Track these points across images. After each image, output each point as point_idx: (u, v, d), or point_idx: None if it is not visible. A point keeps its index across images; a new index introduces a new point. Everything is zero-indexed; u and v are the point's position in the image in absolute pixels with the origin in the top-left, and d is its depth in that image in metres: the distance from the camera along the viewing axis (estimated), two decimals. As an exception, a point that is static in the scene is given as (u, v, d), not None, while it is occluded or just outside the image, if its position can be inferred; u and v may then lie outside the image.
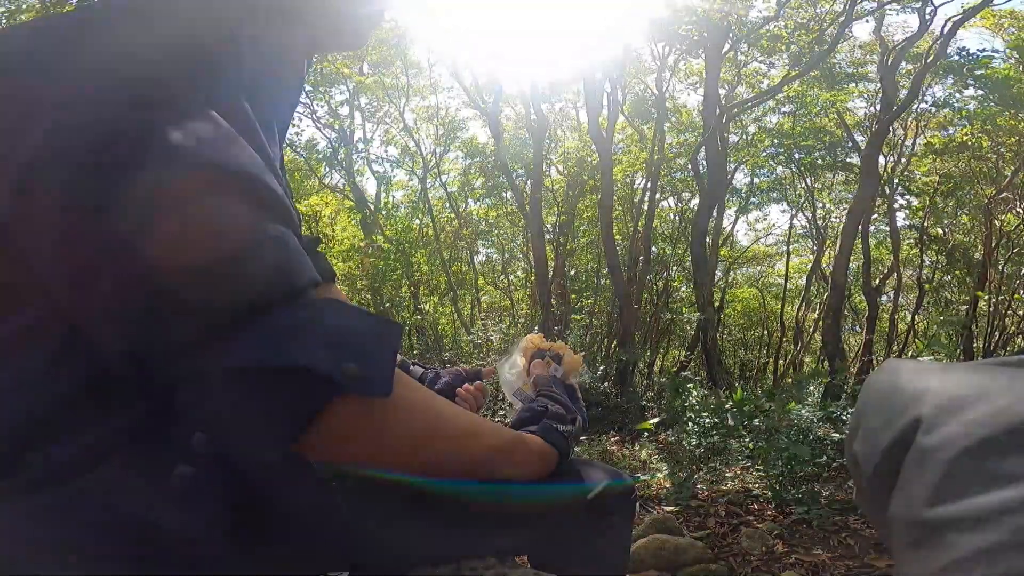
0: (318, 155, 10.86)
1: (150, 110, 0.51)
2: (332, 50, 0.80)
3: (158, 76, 0.52)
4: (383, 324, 0.59)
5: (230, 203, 0.52)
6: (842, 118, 9.74)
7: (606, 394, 6.94)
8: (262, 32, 0.63)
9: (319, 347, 0.52)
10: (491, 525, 0.82)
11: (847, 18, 7.28)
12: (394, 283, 9.13)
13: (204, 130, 0.52)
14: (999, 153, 9.06)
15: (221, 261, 0.51)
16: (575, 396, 1.05)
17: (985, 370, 0.39)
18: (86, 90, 0.51)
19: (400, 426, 0.61)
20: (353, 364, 0.53)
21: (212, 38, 0.58)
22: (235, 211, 0.52)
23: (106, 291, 0.51)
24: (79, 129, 0.50)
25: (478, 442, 0.69)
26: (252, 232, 0.53)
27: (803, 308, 12.58)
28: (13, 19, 6.77)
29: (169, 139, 0.50)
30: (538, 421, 0.86)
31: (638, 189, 10.65)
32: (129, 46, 0.54)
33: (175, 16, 0.59)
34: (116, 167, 0.50)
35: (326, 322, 0.54)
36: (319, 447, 0.58)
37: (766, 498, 3.49)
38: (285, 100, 0.67)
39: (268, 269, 0.53)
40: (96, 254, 0.50)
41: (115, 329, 0.53)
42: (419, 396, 0.65)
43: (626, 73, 9.60)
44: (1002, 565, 0.28)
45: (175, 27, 0.58)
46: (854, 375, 6.36)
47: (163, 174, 0.50)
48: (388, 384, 0.56)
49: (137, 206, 0.50)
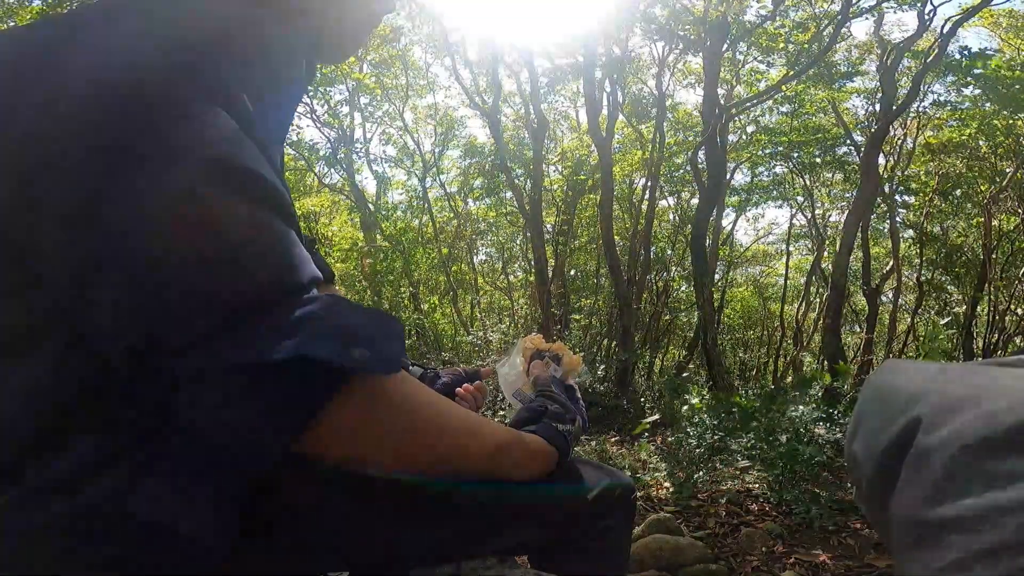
0: (318, 155, 10.86)
1: (153, 106, 0.51)
2: (331, 54, 0.79)
3: (161, 73, 0.52)
4: (387, 319, 0.60)
5: (233, 200, 0.52)
6: (840, 117, 9.74)
7: (606, 394, 6.94)
8: (263, 30, 0.63)
9: (326, 338, 0.53)
10: (491, 525, 0.82)
11: (844, 17, 7.28)
12: (393, 283, 9.13)
13: (207, 127, 0.52)
14: (998, 153, 9.07)
15: (224, 257, 0.51)
16: (574, 396, 1.05)
17: (985, 370, 0.39)
18: (89, 88, 0.51)
19: (402, 423, 0.61)
20: (361, 349, 0.54)
21: (214, 35, 0.58)
22: (238, 208, 0.52)
23: (108, 289, 0.51)
24: (82, 127, 0.50)
25: (478, 441, 0.69)
26: (255, 229, 0.53)
27: (803, 308, 12.59)
28: (12, 17, 6.76)
29: (172, 135, 0.51)
30: (538, 421, 0.86)
31: (638, 189, 10.65)
32: (132, 43, 0.54)
33: (177, 13, 0.59)
34: (119, 164, 0.50)
35: (330, 316, 0.54)
36: (322, 444, 0.58)
37: (766, 498, 3.49)
38: (286, 99, 0.67)
39: (271, 265, 0.53)
40: (98, 252, 0.50)
41: (117, 327, 0.53)
42: (420, 393, 0.65)
43: (625, 73, 9.60)
44: (1002, 565, 0.28)
45: (177, 24, 0.58)
46: (854, 375, 6.36)
47: (166, 170, 0.50)
48: (397, 364, 0.57)
49: (140, 203, 0.50)
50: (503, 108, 10.69)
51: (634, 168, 10.38)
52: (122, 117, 0.50)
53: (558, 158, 11.18)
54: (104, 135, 0.50)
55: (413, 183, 11.89)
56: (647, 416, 6.42)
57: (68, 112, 0.51)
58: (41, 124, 0.51)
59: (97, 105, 0.51)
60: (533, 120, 8.97)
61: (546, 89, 10.72)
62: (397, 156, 12.00)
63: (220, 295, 0.51)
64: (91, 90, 0.51)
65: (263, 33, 0.63)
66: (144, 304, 0.51)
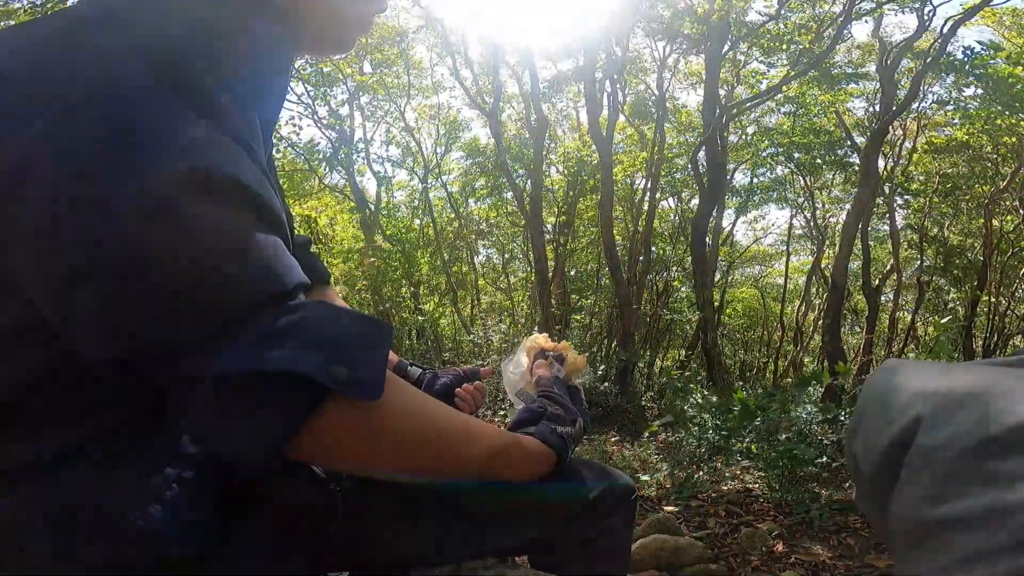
0: (319, 155, 10.85)
1: (128, 116, 0.50)
2: (321, 52, 0.78)
3: (137, 81, 0.52)
4: (374, 325, 0.58)
5: (210, 208, 0.51)
6: (841, 118, 9.74)
7: (606, 394, 6.94)
8: (249, 29, 0.62)
9: (307, 350, 0.52)
10: (491, 525, 0.82)
11: (846, 18, 7.28)
12: (394, 283, 9.12)
13: (182, 134, 0.51)
14: (1000, 153, 9.06)
15: (202, 267, 0.50)
16: (578, 398, 1.05)
17: (985, 370, 0.39)
18: (76, 94, 0.50)
19: (392, 430, 0.61)
20: (342, 367, 0.53)
21: (200, 41, 0.57)
22: (217, 216, 0.51)
23: (85, 303, 0.51)
24: (58, 138, 0.49)
25: (472, 445, 0.69)
26: (235, 236, 0.52)
27: (803, 308, 12.59)
28: (11, 17, 6.77)
29: (147, 144, 0.50)
30: (537, 422, 0.85)
31: (638, 189, 10.65)
32: (119, 48, 0.53)
33: (162, 19, 0.58)
34: (92, 175, 0.49)
35: (314, 325, 0.54)
36: (310, 451, 0.57)
37: (766, 498, 3.49)
38: (270, 95, 0.67)
39: (252, 274, 0.53)
40: (81, 260, 0.50)
41: (99, 336, 0.52)
42: (412, 399, 0.64)
43: (626, 73, 9.60)
44: (1002, 565, 0.28)
45: (161, 29, 0.57)
46: (854, 375, 6.36)
47: (140, 181, 0.49)
48: (379, 386, 0.56)
49: (115, 215, 0.49)
50: (504, 108, 10.70)
51: (635, 168, 10.38)
52: (109, 122, 0.50)
53: (559, 158, 11.19)
54: (79, 145, 0.49)
55: (415, 184, 11.90)
56: (647, 416, 6.42)
57: (43, 124, 0.49)
58: (15, 135, 0.50)
59: (86, 110, 0.50)
60: (534, 120, 8.97)
61: (548, 90, 10.72)
62: (400, 157, 12.01)
63: (200, 306, 0.51)
64: (68, 99, 0.50)
65: (252, 36, 0.62)
66: (124, 317, 0.51)
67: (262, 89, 0.64)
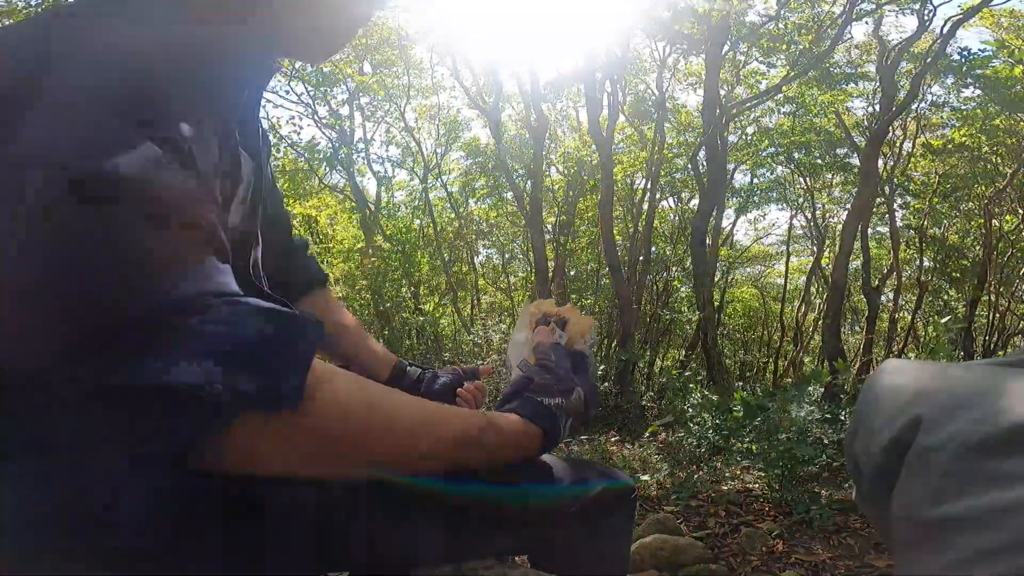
0: (319, 155, 10.85)
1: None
2: (305, 58, 0.77)
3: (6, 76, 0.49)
4: (294, 325, 0.54)
5: (91, 212, 0.47)
6: (840, 118, 9.75)
7: (606, 394, 6.95)
8: (226, 30, 0.62)
9: (205, 361, 0.47)
10: (491, 525, 0.82)
11: (846, 19, 7.28)
12: (394, 283, 9.12)
13: (57, 133, 0.48)
14: (999, 153, 9.07)
15: (78, 273, 0.47)
16: (583, 364, 0.97)
17: (985, 370, 0.39)
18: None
19: (328, 432, 0.57)
20: (248, 378, 0.49)
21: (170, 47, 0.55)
22: (101, 219, 0.47)
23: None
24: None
25: (433, 433, 0.65)
26: (117, 241, 0.48)
27: (803, 308, 12.59)
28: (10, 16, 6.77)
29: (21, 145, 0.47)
30: (520, 396, 0.80)
31: (638, 189, 10.65)
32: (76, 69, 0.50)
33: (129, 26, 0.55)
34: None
35: (219, 330, 0.49)
36: (227, 462, 0.53)
37: (766, 498, 3.49)
38: (249, 98, 0.66)
39: (138, 281, 0.48)
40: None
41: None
42: (355, 395, 0.60)
43: (626, 73, 9.60)
44: (1002, 565, 0.28)
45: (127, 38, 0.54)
46: (854, 375, 6.36)
47: (8, 184, 0.46)
48: (296, 396, 0.51)
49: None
50: (504, 108, 10.70)
51: (635, 168, 10.38)
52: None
53: (559, 158, 11.19)
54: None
55: (415, 184, 11.90)
56: (647, 416, 6.42)
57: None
58: None
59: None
60: (534, 120, 8.97)
61: (548, 92, 10.72)
62: (400, 157, 12.02)
63: (75, 315, 0.47)
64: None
65: (226, 32, 0.61)
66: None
67: (233, 84, 0.62)
